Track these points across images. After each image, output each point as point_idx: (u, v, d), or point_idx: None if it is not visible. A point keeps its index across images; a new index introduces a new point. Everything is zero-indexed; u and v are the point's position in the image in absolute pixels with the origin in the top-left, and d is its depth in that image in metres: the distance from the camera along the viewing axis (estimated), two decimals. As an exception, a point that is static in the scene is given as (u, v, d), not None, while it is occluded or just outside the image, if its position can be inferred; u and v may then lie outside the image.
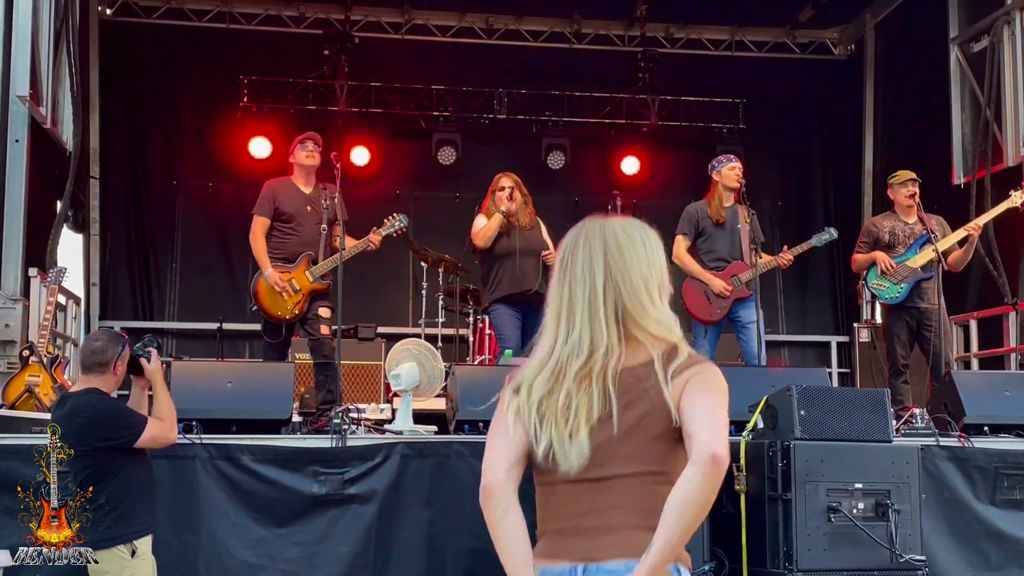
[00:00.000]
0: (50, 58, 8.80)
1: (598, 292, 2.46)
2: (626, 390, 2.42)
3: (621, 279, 2.47)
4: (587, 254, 2.49)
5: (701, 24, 12.89)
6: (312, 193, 7.59)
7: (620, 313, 2.47)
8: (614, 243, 2.50)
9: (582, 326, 2.46)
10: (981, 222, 8.01)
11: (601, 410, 2.41)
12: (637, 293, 2.47)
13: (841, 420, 5.66)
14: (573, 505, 2.42)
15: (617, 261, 2.48)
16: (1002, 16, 9.90)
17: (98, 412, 4.74)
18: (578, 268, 2.49)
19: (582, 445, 2.39)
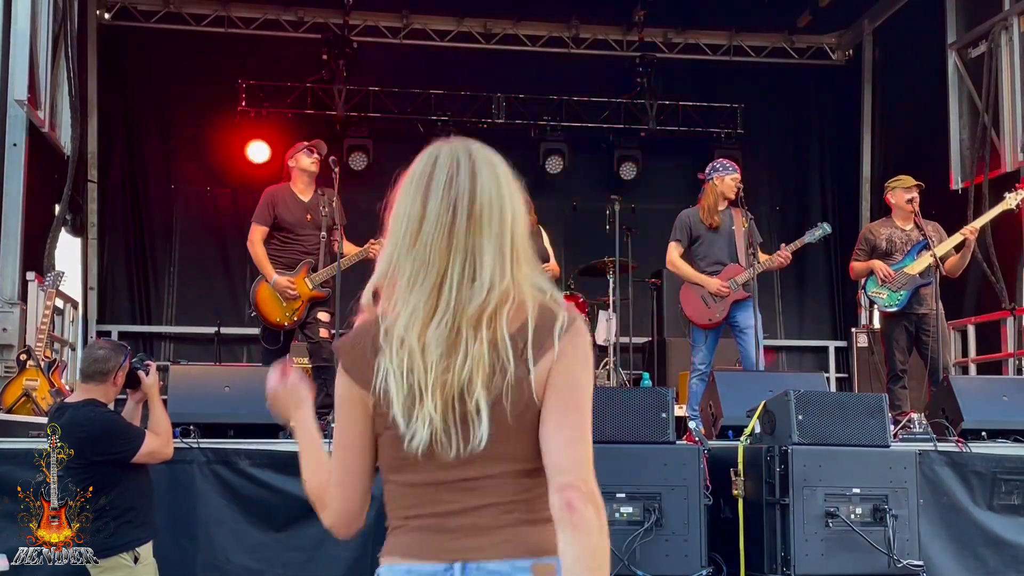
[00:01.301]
0: (48, 62, 8.81)
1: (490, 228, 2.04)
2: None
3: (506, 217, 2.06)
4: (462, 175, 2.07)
5: (699, 29, 12.91)
6: (311, 200, 7.59)
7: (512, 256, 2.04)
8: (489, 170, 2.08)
9: (476, 268, 2.01)
10: (977, 225, 8.01)
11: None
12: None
13: (839, 425, 5.67)
14: (442, 503, 2.09)
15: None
16: (1000, 22, 9.92)
17: (96, 426, 4.74)
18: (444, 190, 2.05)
19: (479, 430, 2.00)
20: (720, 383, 6.84)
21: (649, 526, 5.38)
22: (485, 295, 1.99)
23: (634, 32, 12.65)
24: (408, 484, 2.11)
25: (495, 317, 1.99)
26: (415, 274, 2.00)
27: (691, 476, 5.51)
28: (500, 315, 1.99)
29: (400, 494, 2.14)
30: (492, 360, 1.98)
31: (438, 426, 1.99)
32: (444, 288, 1.99)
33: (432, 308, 1.99)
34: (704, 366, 7.80)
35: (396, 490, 2.15)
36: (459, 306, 1.98)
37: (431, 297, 1.99)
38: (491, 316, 1.99)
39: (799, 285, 12.72)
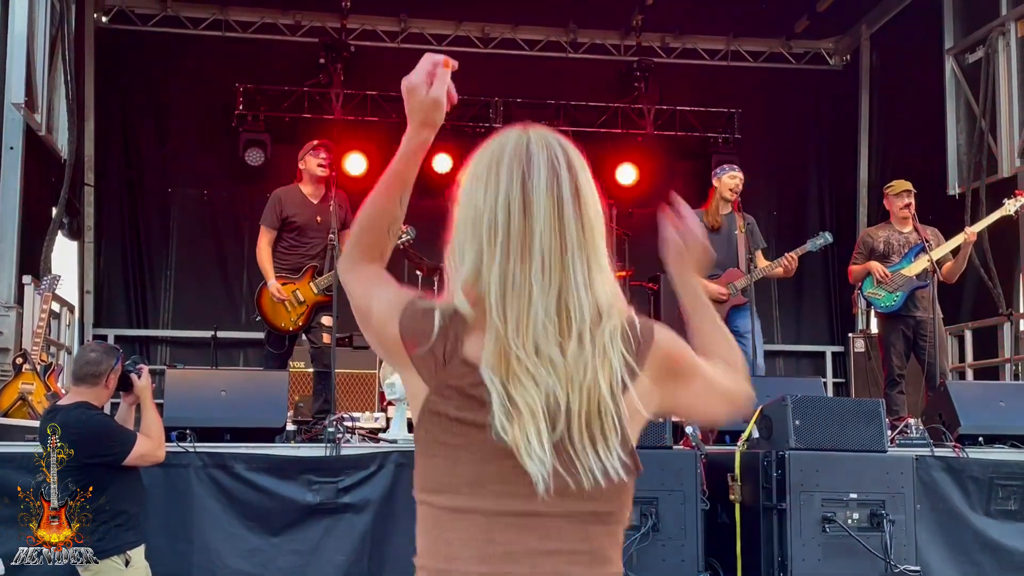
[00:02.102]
0: (46, 65, 8.80)
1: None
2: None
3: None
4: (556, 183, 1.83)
5: (697, 34, 12.91)
6: (320, 203, 7.56)
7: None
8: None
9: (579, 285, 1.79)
10: (975, 230, 8.02)
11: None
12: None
13: (836, 430, 5.67)
14: (496, 544, 1.77)
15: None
16: (997, 27, 9.93)
17: (88, 428, 4.73)
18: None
19: (614, 453, 1.76)
20: (717, 388, 6.83)
21: (646, 531, 5.38)
22: (608, 312, 1.77)
23: (632, 37, 12.66)
24: (455, 510, 1.77)
25: (616, 333, 1.77)
26: (527, 283, 1.73)
27: (688, 481, 5.51)
28: (616, 335, 1.77)
29: (444, 524, 1.79)
30: (611, 384, 1.75)
31: (572, 441, 1.73)
32: (572, 304, 1.74)
33: (561, 323, 1.74)
34: (701, 371, 7.79)
35: (438, 517, 1.79)
36: (584, 323, 1.74)
37: (558, 310, 1.74)
38: (611, 336, 1.76)
39: (796, 290, 12.71)
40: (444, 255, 1.85)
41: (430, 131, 1.96)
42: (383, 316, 1.86)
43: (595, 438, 1.73)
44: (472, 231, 1.78)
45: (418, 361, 1.79)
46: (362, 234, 1.97)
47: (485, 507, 1.75)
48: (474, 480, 1.75)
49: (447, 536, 1.77)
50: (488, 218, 1.77)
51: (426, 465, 1.80)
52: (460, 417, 1.75)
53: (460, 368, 1.77)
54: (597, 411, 1.73)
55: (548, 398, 1.71)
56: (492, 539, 1.74)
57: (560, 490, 1.72)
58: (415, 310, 1.83)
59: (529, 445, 1.70)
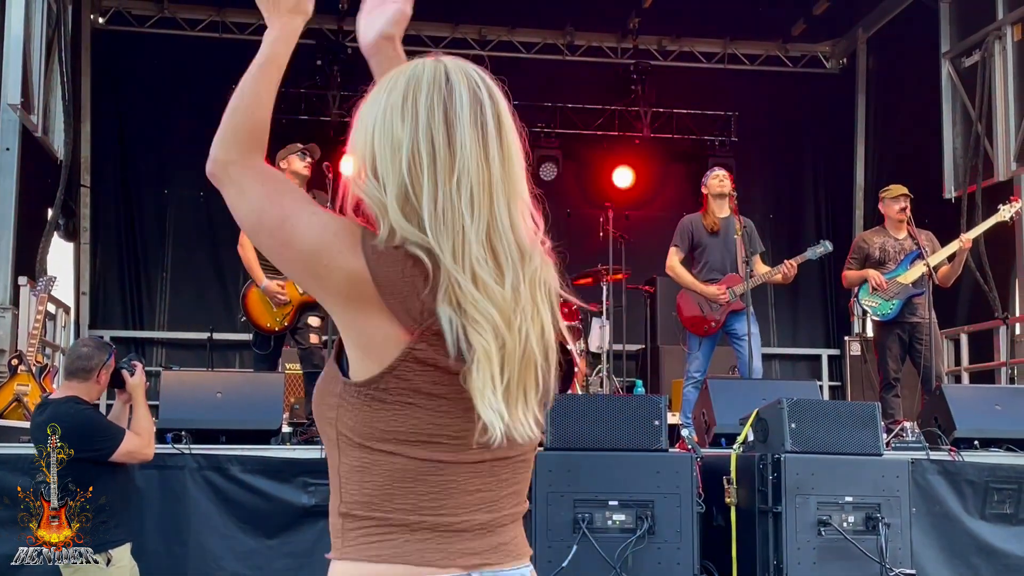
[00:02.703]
0: (42, 67, 8.79)
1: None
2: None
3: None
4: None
5: (694, 37, 12.92)
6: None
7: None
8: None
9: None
10: (971, 235, 8.03)
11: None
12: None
13: (832, 433, 5.68)
14: (467, 493, 1.73)
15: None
16: (993, 31, 9.94)
17: (76, 422, 4.72)
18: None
19: (531, 408, 1.71)
20: (713, 391, 6.84)
21: (641, 534, 5.38)
22: (535, 256, 1.71)
23: (629, 39, 12.67)
24: (436, 462, 1.70)
25: (541, 278, 1.72)
26: (457, 212, 1.66)
27: (684, 484, 5.51)
28: (544, 277, 1.73)
29: (417, 477, 1.70)
30: (539, 334, 1.70)
31: (517, 399, 1.68)
32: (497, 236, 1.68)
33: (495, 261, 1.67)
34: (699, 374, 7.81)
35: (413, 470, 1.70)
36: (516, 263, 1.69)
37: (489, 243, 1.67)
38: (540, 277, 1.72)
39: (792, 293, 12.71)
40: (357, 193, 1.73)
41: (301, 17, 1.86)
42: (327, 245, 1.70)
43: (524, 391, 1.69)
44: (391, 163, 1.68)
45: (397, 307, 1.66)
46: (240, 117, 1.82)
47: (462, 458, 1.71)
48: (458, 432, 1.69)
49: (418, 488, 1.70)
50: (408, 148, 1.67)
51: (395, 413, 1.68)
52: (447, 365, 1.66)
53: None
54: (528, 362, 1.69)
55: (498, 339, 1.65)
56: (464, 488, 1.72)
57: (503, 444, 1.68)
58: (382, 251, 1.68)
59: (483, 393, 1.65)
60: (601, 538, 5.35)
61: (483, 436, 1.66)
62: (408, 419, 1.68)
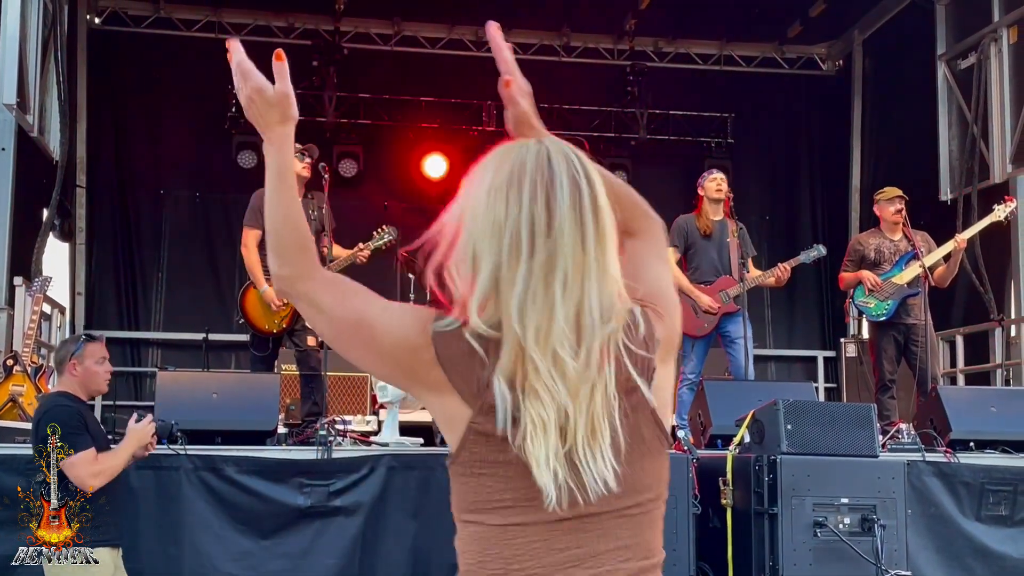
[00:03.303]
0: (38, 66, 8.78)
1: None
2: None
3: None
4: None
5: (690, 38, 12.92)
6: (302, 204, 7.54)
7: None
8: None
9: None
10: (966, 236, 8.04)
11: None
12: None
13: (828, 435, 5.67)
14: (555, 551, 1.79)
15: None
16: (989, 33, 9.95)
17: (43, 412, 4.71)
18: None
19: (608, 463, 1.77)
20: (709, 392, 6.84)
21: (637, 535, 5.37)
22: (613, 320, 1.78)
23: (625, 41, 12.66)
24: (513, 525, 1.77)
25: (612, 340, 1.78)
26: (550, 298, 1.73)
27: (679, 485, 5.51)
28: (616, 339, 1.79)
29: (501, 542, 1.78)
30: (615, 384, 1.77)
31: (586, 459, 1.75)
32: (584, 317, 1.74)
33: (577, 334, 1.74)
34: (694, 375, 7.81)
35: (494, 536, 1.79)
36: (595, 333, 1.75)
37: (576, 321, 1.74)
38: (612, 340, 1.78)
39: (788, 295, 12.70)
40: (444, 263, 1.82)
41: (291, 124, 1.95)
42: (404, 338, 1.81)
43: (594, 449, 1.75)
44: (490, 244, 1.75)
45: (460, 385, 1.77)
46: (284, 235, 1.91)
47: (541, 518, 1.76)
48: (526, 495, 1.76)
49: (504, 553, 1.78)
50: (511, 232, 1.74)
51: (472, 486, 1.79)
52: (505, 435, 1.74)
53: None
54: (595, 422, 1.75)
55: (559, 411, 1.72)
56: (553, 547, 1.77)
57: (572, 501, 1.75)
58: (445, 334, 1.79)
59: (538, 458, 1.72)
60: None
61: (544, 498, 1.73)
62: (482, 489, 1.78)
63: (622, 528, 1.80)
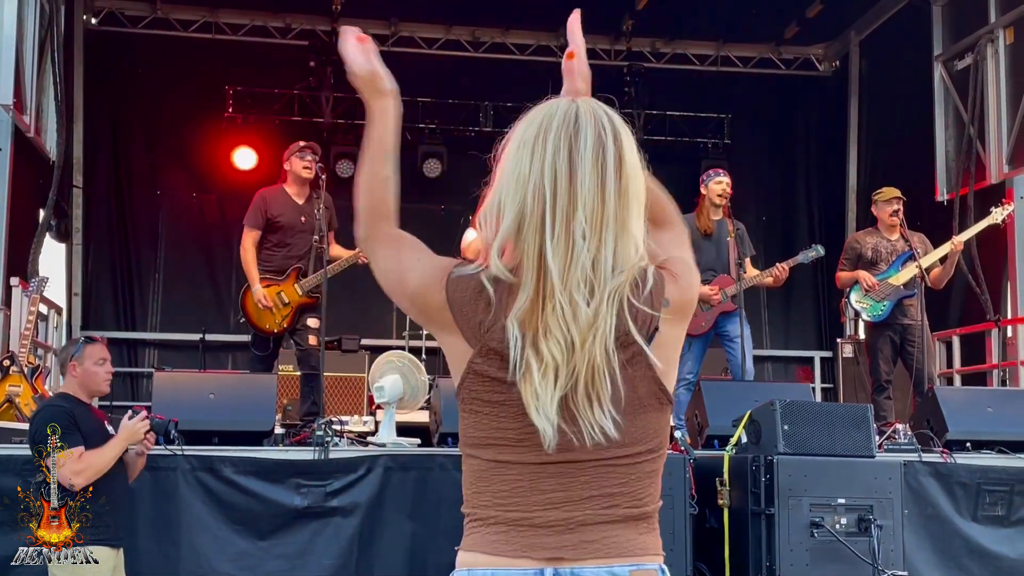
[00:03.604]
0: (34, 67, 8.78)
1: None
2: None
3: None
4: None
5: (687, 39, 12.93)
6: (305, 204, 7.53)
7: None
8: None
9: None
10: (963, 238, 8.05)
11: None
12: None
13: (824, 435, 5.68)
14: (539, 492, 1.90)
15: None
16: (985, 34, 9.96)
17: (36, 414, 4.74)
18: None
19: (607, 412, 1.85)
20: (706, 393, 6.85)
21: (634, 536, 5.37)
22: (625, 273, 1.87)
23: (622, 42, 12.67)
24: (503, 463, 1.90)
25: (617, 295, 1.86)
26: (570, 243, 1.84)
27: (677, 485, 5.51)
28: (621, 293, 1.87)
29: (492, 477, 1.91)
30: (613, 337, 1.85)
31: (586, 406, 1.85)
32: (599, 267, 1.84)
33: (591, 286, 1.83)
34: (691, 375, 7.81)
35: (487, 470, 1.92)
36: (607, 284, 1.85)
37: (593, 269, 1.84)
38: (617, 294, 1.86)
39: (785, 295, 12.72)
40: (477, 214, 1.95)
41: (390, 98, 2.12)
42: (423, 284, 1.96)
43: (594, 398, 1.84)
44: (515, 192, 1.87)
45: (464, 325, 1.90)
46: (364, 198, 2.06)
47: (530, 459, 1.88)
48: (518, 435, 1.87)
49: (494, 487, 1.91)
50: (535, 181, 1.86)
51: (471, 421, 1.93)
52: (502, 377, 1.86)
53: (502, 332, 1.86)
54: (596, 371, 1.84)
55: (567, 353, 1.82)
56: (537, 487, 1.89)
57: (565, 446, 1.85)
58: (459, 277, 1.92)
59: (538, 400, 1.82)
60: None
61: (542, 442, 1.85)
62: (479, 425, 1.92)
63: (609, 476, 1.90)
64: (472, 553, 1.93)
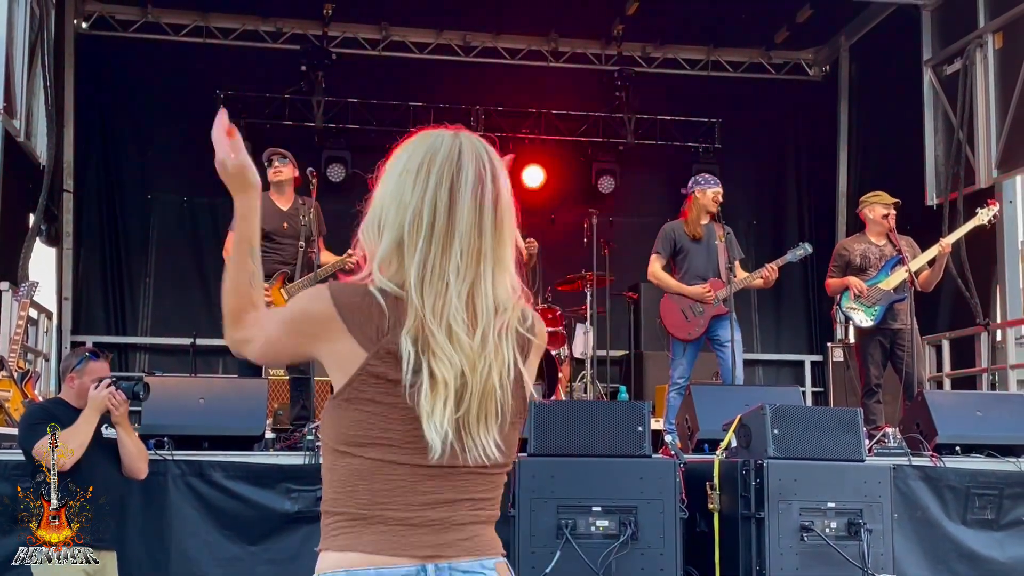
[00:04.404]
0: (25, 71, 8.77)
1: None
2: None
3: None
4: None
5: (677, 44, 12.97)
6: (290, 209, 7.52)
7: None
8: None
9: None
10: (951, 240, 8.06)
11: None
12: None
13: (814, 439, 5.68)
14: (419, 493, 1.98)
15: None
16: (975, 39, 10.01)
17: (22, 417, 4.78)
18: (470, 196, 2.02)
19: (492, 435, 1.98)
20: (696, 397, 6.85)
21: (625, 540, 5.38)
22: (509, 309, 2.00)
23: (613, 46, 12.70)
24: (387, 463, 1.97)
25: (509, 328, 2.01)
26: (444, 274, 1.96)
27: (667, 490, 5.52)
28: (512, 326, 2.02)
29: (373, 476, 1.97)
30: (511, 367, 2.00)
31: (477, 426, 1.98)
32: (480, 299, 1.97)
33: (471, 316, 1.96)
34: (683, 380, 7.82)
35: (368, 470, 1.97)
36: (490, 318, 1.97)
37: (468, 302, 1.97)
38: (509, 327, 2.00)
39: (775, 299, 12.75)
40: (359, 229, 2.05)
41: (254, 192, 2.24)
42: (299, 308, 2.05)
43: (484, 421, 1.97)
44: (395, 216, 1.98)
45: (356, 329, 1.96)
46: (231, 300, 2.13)
47: (414, 461, 1.96)
48: (403, 437, 1.96)
49: (373, 486, 1.97)
50: (414, 210, 1.97)
51: (354, 420, 1.97)
52: (397, 379, 1.94)
53: (399, 339, 1.95)
54: (489, 397, 1.96)
55: (457, 377, 1.93)
56: (417, 488, 1.97)
57: (451, 457, 1.96)
58: (343, 286, 2.02)
59: (432, 416, 1.92)
60: (584, 544, 5.35)
61: (428, 450, 1.94)
62: (363, 424, 1.96)
63: (477, 484, 2.02)
64: (346, 553, 1.99)
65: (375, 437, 1.96)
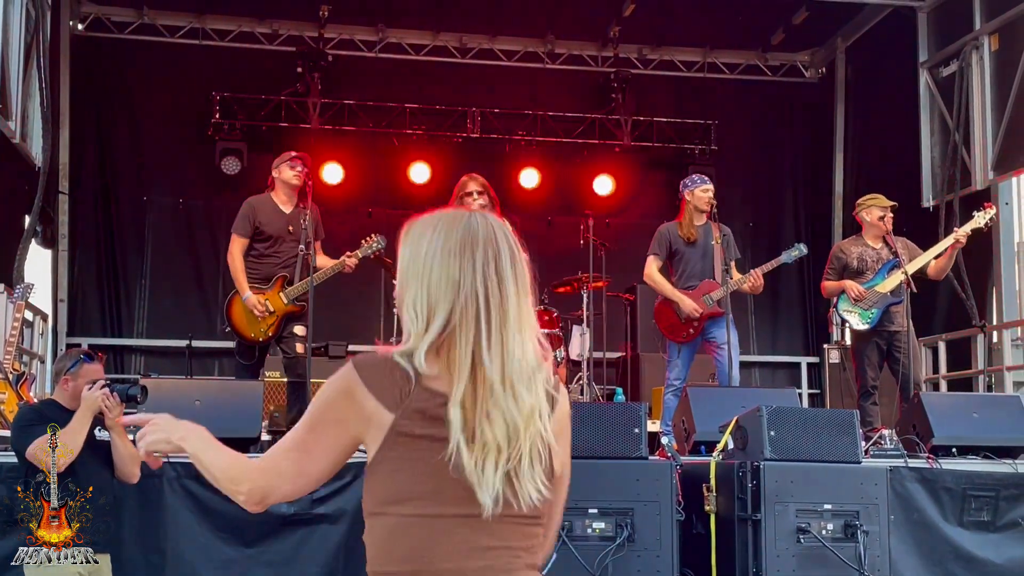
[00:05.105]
0: (20, 72, 8.75)
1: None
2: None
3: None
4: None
5: (674, 46, 12.97)
6: (292, 213, 7.51)
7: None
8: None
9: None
10: (965, 231, 7.91)
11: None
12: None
13: (811, 441, 5.68)
14: (454, 542, 2.09)
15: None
16: (971, 41, 10.01)
17: (16, 416, 4.76)
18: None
19: (538, 486, 2.12)
20: (693, 399, 6.85)
21: (621, 542, 5.37)
22: (543, 368, 2.18)
23: (609, 48, 12.70)
24: (423, 517, 2.08)
25: (542, 384, 2.18)
26: (503, 340, 2.12)
27: (663, 492, 5.51)
28: (545, 383, 2.19)
29: (405, 529, 2.10)
30: (544, 423, 2.14)
31: (526, 477, 2.10)
32: (526, 361, 2.14)
33: (529, 378, 2.13)
34: (679, 381, 7.81)
35: (403, 524, 2.10)
36: (533, 372, 2.14)
37: (521, 363, 2.13)
38: (544, 382, 2.18)
39: (772, 301, 12.76)
40: (398, 305, 2.21)
41: (188, 441, 2.62)
42: (325, 397, 2.18)
43: (533, 467, 2.10)
44: (446, 295, 2.12)
45: (382, 395, 2.10)
46: (220, 483, 2.46)
47: (447, 512, 2.06)
48: (436, 488, 2.06)
49: (411, 542, 2.07)
50: (467, 289, 2.12)
51: (390, 481, 2.09)
52: (425, 434, 2.06)
53: (423, 394, 2.08)
54: (537, 444, 2.11)
55: (509, 430, 2.07)
56: (451, 539, 2.06)
57: (505, 507, 2.08)
58: (365, 361, 2.16)
59: (483, 477, 2.05)
60: (581, 546, 5.34)
61: (477, 506, 2.06)
62: (398, 484, 2.08)
63: (512, 532, 2.12)
64: None
65: (409, 492, 2.08)
